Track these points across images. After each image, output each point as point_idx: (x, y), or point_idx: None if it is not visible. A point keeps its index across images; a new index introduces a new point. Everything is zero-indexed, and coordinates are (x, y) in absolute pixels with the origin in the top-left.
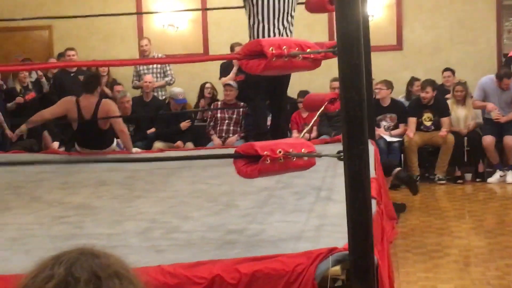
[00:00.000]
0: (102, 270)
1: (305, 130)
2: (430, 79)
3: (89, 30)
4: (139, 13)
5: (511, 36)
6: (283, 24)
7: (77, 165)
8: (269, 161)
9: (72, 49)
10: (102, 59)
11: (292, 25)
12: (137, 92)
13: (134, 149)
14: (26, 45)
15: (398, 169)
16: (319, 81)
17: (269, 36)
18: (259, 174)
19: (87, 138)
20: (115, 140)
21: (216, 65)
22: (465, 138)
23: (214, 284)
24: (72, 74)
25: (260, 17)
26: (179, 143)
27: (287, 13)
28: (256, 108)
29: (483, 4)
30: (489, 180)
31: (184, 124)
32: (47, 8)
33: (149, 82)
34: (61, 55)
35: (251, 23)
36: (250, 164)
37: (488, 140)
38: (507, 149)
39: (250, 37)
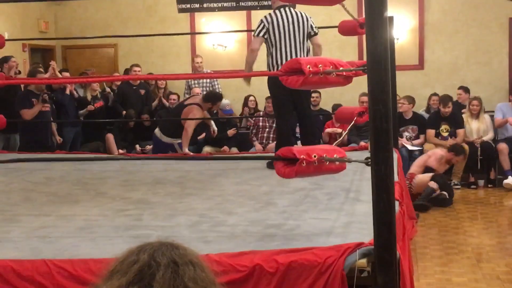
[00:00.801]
0: (180, 258)
1: (338, 141)
2: (449, 96)
3: (149, 48)
4: (193, 33)
5: None
6: (295, 52)
7: (136, 165)
8: (305, 164)
9: (137, 65)
10: (160, 73)
11: (306, 52)
12: None
13: (186, 150)
14: (95, 60)
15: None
16: (349, 96)
17: (281, 62)
18: (295, 175)
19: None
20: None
21: (257, 80)
22: (479, 148)
23: (254, 272)
24: (134, 87)
25: (273, 49)
26: (225, 148)
27: (300, 42)
28: (278, 126)
29: (497, 28)
30: (505, 181)
31: (231, 132)
32: (113, 28)
33: (197, 94)
34: (127, 70)
35: (268, 51)
36: (288, 165)
37: (503, 145)
38: None
39: (268, 65)
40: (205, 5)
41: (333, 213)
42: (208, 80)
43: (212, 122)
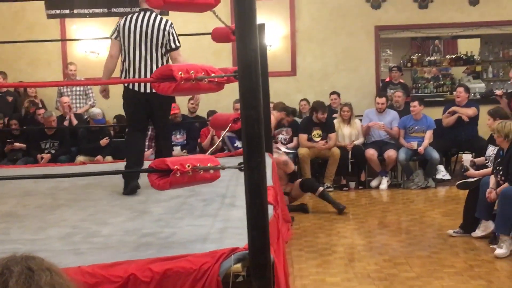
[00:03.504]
0: (35, 265)
1: (211, 149)
2: (322, 103)
3: (17, 55)
4: (63, 39)
5: (387, 64)
6: (145, 61)
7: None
8: (179, 174)
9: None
10: (29, 81)
11: (160, 61)
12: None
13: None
14: None
15: (321, 188)
16: (225, 102)
17: (129, 69)
18: (170, 186)
19: None
20: None
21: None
22: (350, 151)
23: (129, 282)
24: (1, 94)
25: (123, 54)
26: (99, 157)
27: (153, 50)
28: (127, 139)
29: (364, 36)
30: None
31: (104, 141)
32: None
33: (65, 103)
34: None
35: (121, 57)
36: (162, 177)
37: (371, 151)
38: (388, 159)
39: (121, 72)
40: (75, 11)
41: (209, 219)
42: (81, 88)
43: None
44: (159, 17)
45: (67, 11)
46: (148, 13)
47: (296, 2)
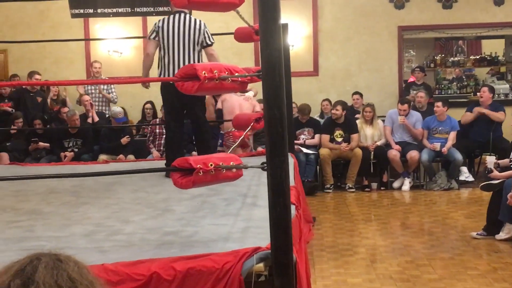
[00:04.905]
0: (64, 257)
1: (232, 147)
2: (340, 100)
3: (41, 54)
4: (87, 39)
5: (410, 65)
6: (183, 58)
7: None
8: (201, 173)
9: (38, 73)
10: (53, 79)
11: (197, 59)
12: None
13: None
14: None
15: None
16: None
17: (169, 67)
18: (193, 185)
19: None
20: None
21: (156, 86)
22: (372, 152)
23: (152, 280)
24: (31, 94)
25: (162, 52)
26: (121, 156)
27: (190, 48)
28: (168, 133)
29: (387, 37)
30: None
31: (124, 140)
32: (3, 33)
33: (86, 101)
34: (14, 76)
35: (160, 55)
36: (185, 176)
37: (393, 152)
38: (410, 160)
39: (158, 67)
40: (99, 11)
41: (230, 218)
42: (104, 87)
43: None
44: (192, 17)
45: (91, 11)
46: (183, 15)
47: (319, 2)
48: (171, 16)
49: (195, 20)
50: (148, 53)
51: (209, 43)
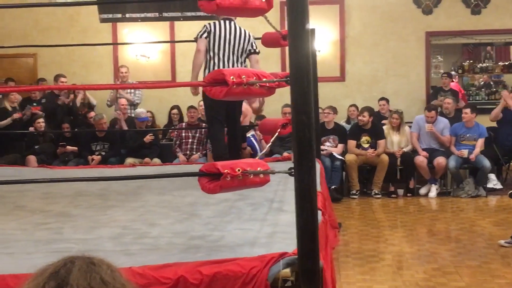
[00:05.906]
0: (97, 260)
1: (261, 153)
2: (367, 106)
3: (70, 58)
4: (115, 43)
5: (437, 71)
6: (233, 63)
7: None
8: (229, 178)
9: (63, 75)
10: (82, 83)
11: (242, 64)
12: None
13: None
14: (13, 70)
15: None
16: (273, 107)
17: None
18: (220, 189)
19: None
20: None
21: (182, 91)
22: (398, 158)
23: (178, 284)
24: (59, 97)
25: (212, 54)
26: (147, 159)
27: (238, 55)
28: (212, 133)
29: (414, 42)
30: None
31: (148, 138)
32: (32, 37)
33: (122, 105)
34: (42, 80)
35: (208, 57)
36: (212, 181)
37: (420, 159)
38: (437, 167)
39: (204, 69)
40: (127, 16)
41: (257, 223)
42: (132, 91)
43: None
44: (238, 25)
45: (119, 16)
46: (232, 22)
47: (346, 7)
48: (221, 22)
49: (241, 28)
50: (200, 49)
51: (257, 50)
